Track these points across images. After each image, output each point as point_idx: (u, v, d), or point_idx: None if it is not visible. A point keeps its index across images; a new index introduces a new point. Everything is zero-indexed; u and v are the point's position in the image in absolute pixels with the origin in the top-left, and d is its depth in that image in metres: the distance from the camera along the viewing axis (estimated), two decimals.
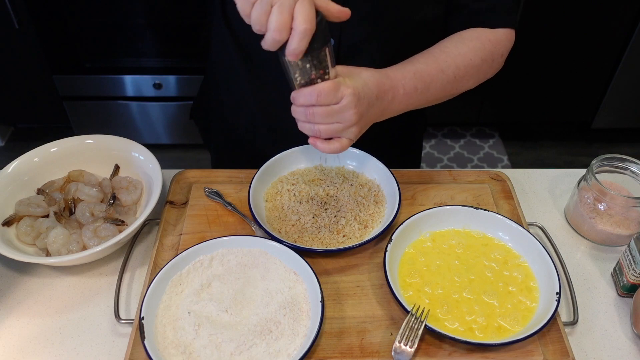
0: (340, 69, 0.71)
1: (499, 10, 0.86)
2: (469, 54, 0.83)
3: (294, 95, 0.69)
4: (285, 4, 0.60)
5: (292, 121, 1.02)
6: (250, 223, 0.85)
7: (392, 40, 0.88)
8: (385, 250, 0.76)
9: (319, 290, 0.71)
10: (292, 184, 0.90)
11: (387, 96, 0.75)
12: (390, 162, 0.92)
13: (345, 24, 0.83)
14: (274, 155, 0.91)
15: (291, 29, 0.61)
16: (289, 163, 0.93)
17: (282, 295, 0.72)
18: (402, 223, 0.80)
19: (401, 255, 0.79)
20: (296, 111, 0.71)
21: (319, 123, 0.70)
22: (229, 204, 0.88)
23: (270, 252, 0.77)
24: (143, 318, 0.68)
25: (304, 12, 0.60)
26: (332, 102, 0.68)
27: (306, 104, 0.68)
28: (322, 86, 0.67)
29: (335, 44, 0.86)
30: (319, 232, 0.82)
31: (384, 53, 0.89)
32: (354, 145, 0.92)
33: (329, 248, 0.79)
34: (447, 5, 0.87)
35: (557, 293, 0.71)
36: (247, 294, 0.73)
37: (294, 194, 0.88)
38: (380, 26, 0.86)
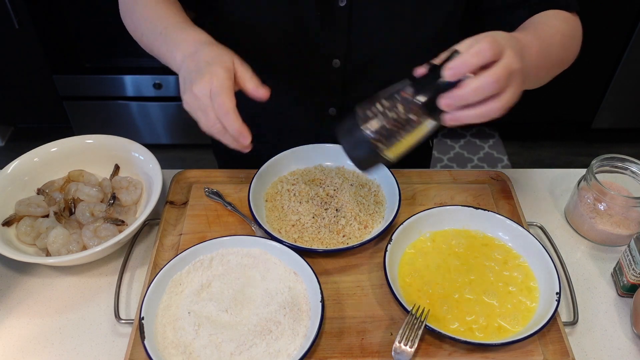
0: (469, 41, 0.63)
1: None
2: (561, 25, 0.79)
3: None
4: (205, 109, 0.68)
5: (294, 121, 1.03)
6: (250, 223, 0.85)
7: (402, 55, 0.89)
8: (385, 250, 0.76)
9: (319, 290, 0.71)
10: (292, 184, 0.90)
11: (528, 51, 0.69)
12: (401, 162, 0.92)
13: (351, 48, 0.84)
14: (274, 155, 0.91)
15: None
16: (289, 163, 0.93)
17: (282, 295, 0.72)
18: (402, 223, 0.80)
19: (401, 255, 0.79)
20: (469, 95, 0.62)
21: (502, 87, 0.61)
22: (229, 203, 0.88)
23: (270, 252, 0.77)
24: (143, 318, 0.68)
25: (220, 109, 0.67)
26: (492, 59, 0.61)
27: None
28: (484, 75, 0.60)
29: (342, 61, 0.87)
30: (319, 232, 0.82)
31: (394, 68, 0.90)
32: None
33: (329, 248, 0.79)
34: (491, 8, 0.84)
35: (557, 293, 0.71)
36: (247, 294, 0.73)
37: (294, 194, 0.88)
38: (389, 42, 0.87)
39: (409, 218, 0.81)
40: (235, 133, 0.69)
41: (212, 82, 0.67)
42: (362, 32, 0.85)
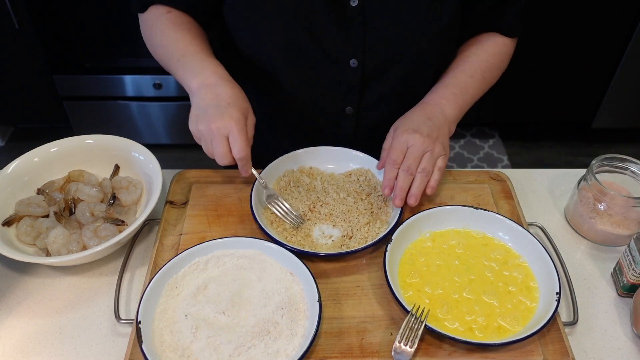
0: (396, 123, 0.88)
1: (512, 18, 0.95)
2: (490, 58, 0.95)
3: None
4: (217, 144, 0.77)
5: (311, 122, 1.02)
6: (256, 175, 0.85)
7: (415, 58, 0.91)
8: (385, 251, 0.76)
9: (316, 290, 0.71)
10: (295, 183, 0.90)
11: (435, 111, 0.87)
12: None
13: (367, 48, 0.85)
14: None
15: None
16: (301, 160, 0.93)
17: (279, 295, 0.72)
18: (402, 223, 0.80)
19: (401, 255, 0.79)
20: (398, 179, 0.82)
21: (415, 170, 0.82)
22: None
23: (266, 253, 0.77)
24: (140, 322, 0.68)
25: (239, 154, 0.77)
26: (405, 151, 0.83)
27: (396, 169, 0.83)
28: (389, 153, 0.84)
29: (360, 61, 0.89)
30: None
31: (406, 73, 0.92)
32: (360, 149, 0.92)
33: (330, 252, 0.79)
34: (465, 14, 0.92)
35: (557, 293, 0.71)
36: (244, 295, 0.73)
37: (298, 191, 0.88)
38: (402, 47, 0.89)
39: (409, 218, 0.81)
40: (243, 170, 0.81)
41: (232, 126, 0.76)
42: (377, 30, 0.86)
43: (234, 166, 0.88)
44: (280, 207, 0.84)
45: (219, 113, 0.76)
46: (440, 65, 0.96)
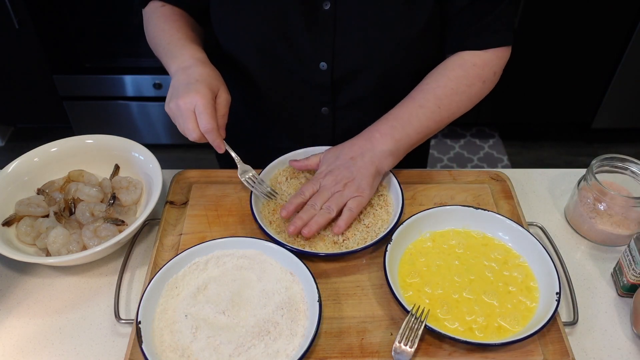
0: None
1: (487, 31, 0.87)
2: (450, 83, 0.87)
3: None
4: (186, 120, 0.78)
5: (290, 122, 1.03)
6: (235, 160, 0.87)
7: (387, 63, 0.90)
8: (385, 250, 0.76)
9: (316, 290, 0.71)
10: (293, 179, 0.90)
11: (365, 148, 0.85)
12: (400, 162, 0.92)
13: (337, 51, 0.86)
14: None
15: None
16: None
17: (279, 295, 0.72)
18: (402, 223, 0.80)
19: (401, 255, 0.79)
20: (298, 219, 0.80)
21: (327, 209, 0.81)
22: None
23: (266, 253, 0.77)
24: (140, 322, 0.68)
25: (205, 127, 0.78)
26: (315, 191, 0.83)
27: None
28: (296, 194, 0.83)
29: (329, 64, 0.89)
30: (319, 233, 0.82)
31: (379, 77, 0.91)
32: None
33: (329, 252, 0.79)
34: (442, 29, 0.90)
35: (557, 293, 0.71)
36: (244, 295, 0.73)
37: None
38: (374, 51, 0.88)
39: (409, 218, 0.81)
40: (215, 145, 0.81)
41: (197, 100, 0.77)
42: (348, 34, 0.86)
43: (234, 167, 0.88)
44: (252, 181, 0.86)
45: (187, 90, 0.78)
46: (419, 68, 0.93)
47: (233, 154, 0.86)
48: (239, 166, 0.87)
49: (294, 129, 1.01)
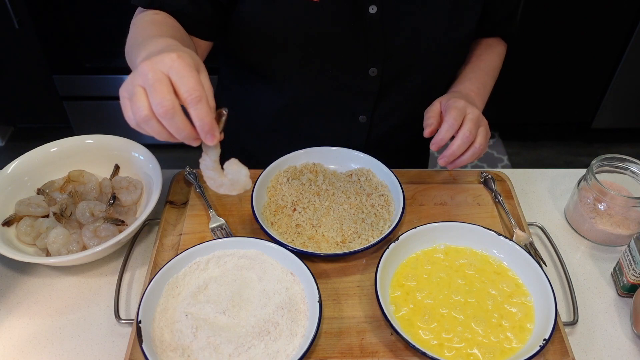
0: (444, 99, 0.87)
1: (509, 23, 1.01)
2: (496, 59, 1.02)
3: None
4: (153, 84, 0.56)
5: (322, 129, 1.01)
6: (209, 210, 0.86)
7: (431, 65, 0.91)
8: (387, 248, 0.75)
9: (316, 290, 0.71)
10: (294, 179, 0.90)
11: (470, 98, 0.90)
12: (399, 164, 0.92)
13: (387, 55, 0.85)
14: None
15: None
16: (294, 161, 0.93)
17: (279, 296, 0.72)
18: (417, 227, 0.79)
19: (406, 258, 0.78)
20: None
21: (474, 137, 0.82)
22: (200, 186, 0.89)
23: (267, 253, 0.77)
24: (140, 322, 0.68)
25: (190, 95, 0.56)
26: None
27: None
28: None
29: (379, 69, 0.89)
30: (319, 233, 0.82)
31: (425, 79, 0.93)
32: (361, 150, 0.92)
33: (330, 252, 0.79)
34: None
35: (544, 339, 0.66)
36: (244, 295, 0.73)
37: (295, 189, 0.88)
38: (418, 54, 0.89)
39: (427, 224, 0.79)
40: (206, 127, 0.57)
41: (172, 57, 0.56)
42: (398, 38, 0.85)
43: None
44: (221, 234, 0.83)
45: (159, 55, 0.57)
46: (453, 76, 0.98)
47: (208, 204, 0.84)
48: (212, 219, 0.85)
49: (325, 138, 0.97)
